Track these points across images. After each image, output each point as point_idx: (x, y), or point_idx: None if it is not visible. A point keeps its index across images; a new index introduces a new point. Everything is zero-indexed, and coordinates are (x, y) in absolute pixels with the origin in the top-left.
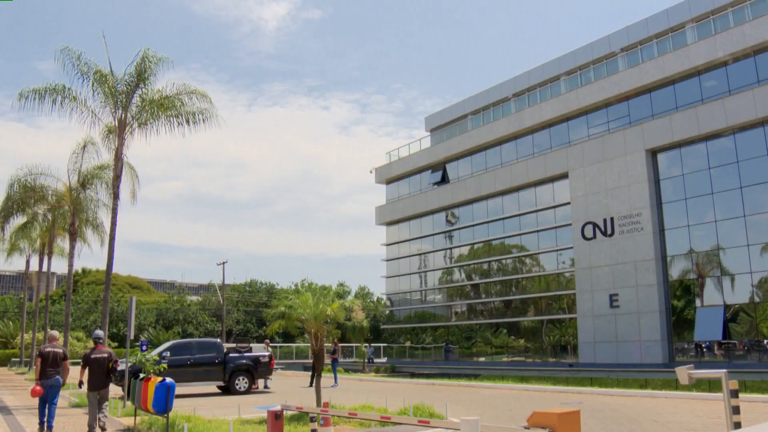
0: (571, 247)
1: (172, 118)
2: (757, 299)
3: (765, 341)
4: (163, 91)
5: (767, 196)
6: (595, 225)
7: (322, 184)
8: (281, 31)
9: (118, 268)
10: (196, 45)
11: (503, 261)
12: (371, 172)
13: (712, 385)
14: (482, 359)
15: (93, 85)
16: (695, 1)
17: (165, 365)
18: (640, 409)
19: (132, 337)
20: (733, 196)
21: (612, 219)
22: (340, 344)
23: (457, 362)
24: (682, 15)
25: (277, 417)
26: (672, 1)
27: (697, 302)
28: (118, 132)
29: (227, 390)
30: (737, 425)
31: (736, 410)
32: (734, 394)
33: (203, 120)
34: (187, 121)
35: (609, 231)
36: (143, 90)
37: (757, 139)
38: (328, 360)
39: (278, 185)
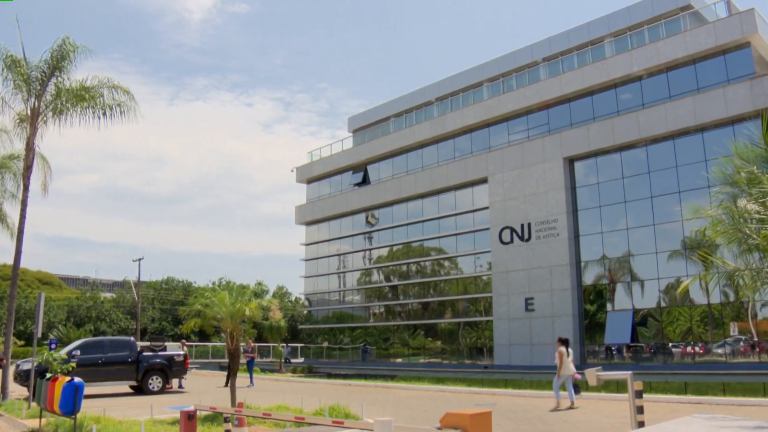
0: (489, 251)
1: (88, 110)
2: (663, 304)
3: (670, 344)
4: (83, 82)
5: (675, 205)
6: (512, 230)
7: (243, 182)
8: (207, 23)
9: (27, 263)
10: (118, 34)
11: (422, 263)
12: (292, 171)
13: (620, 386)
14: (399, 360)
15: (3, 70)
16: (614, 16)
17: (74, 364)
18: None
19: (40, 335)
20: (644, 205)
21: (529, 224)
22: (258, 344)
23: (374, 363)
24: (602, 29)
25: (190, 417)
26: (592, 15)
27: (608, 306)
28: (31, 121)
29: (140, 390)
30: (641, 424)
31: (640, 410)
32: (639, 394)
33: (122, 113)
34: (104, 114)
35: (526, 236)
36: (59, 79)
37: (667, 152)
38: (244, 360)
39: (199, 181)
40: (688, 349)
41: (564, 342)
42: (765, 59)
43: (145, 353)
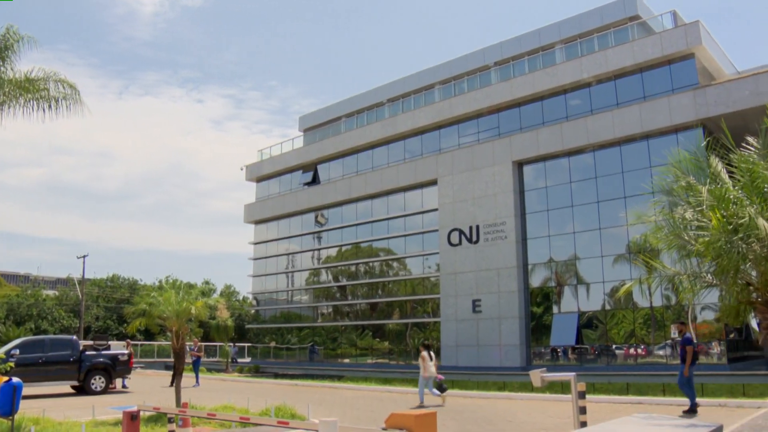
0: (437, 253)
1: (33, 102)
2: (608, 307)
3: (614, 346)
4: (27, 74)
5: (621, 211)
6: (461, 232)
7: (192, 179)
8: (158, 17)
9: None
10: (66, 25)
11: (370, 264)
12: (242, 170)
13: (565, 388)
14: (347, 361)
15: None
16: (565, 24)
17: (12, 364)
18: (497, 410)
19: None
20: (590, 210)
21: (478, 226)
22: (204, 343)
23: (321, 363)
24: (553, 36)
25: (133, 418)
26: (544, 22)
27: (555, 309)
28: None
29: (82, 390)
30: (583, 424)
31: (582, 410)
32: (582, 395)
33: (68, 106)
34: (50, 107)
35: (474, 238)
36: (1, 69)
37: (614, 158)
38: (190, 359)
39: (147, 178)
40: (631, 350)
41: (426, 347)
42: (708, 70)
43: (87, 352)
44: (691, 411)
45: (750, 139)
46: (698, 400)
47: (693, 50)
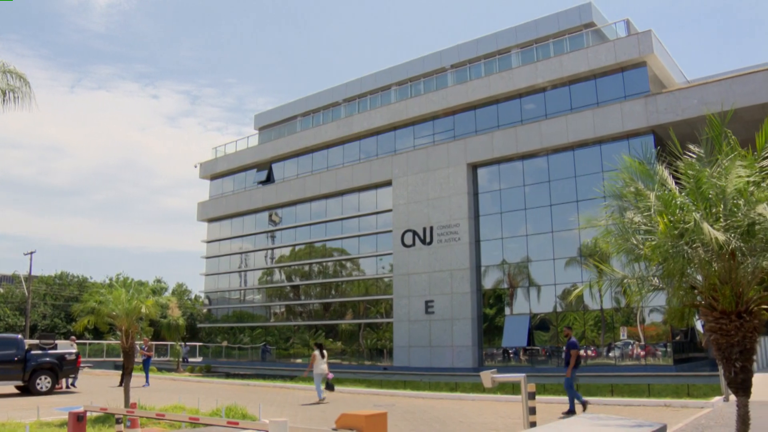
0: (391, 253)
1: None
2: (559, 309)
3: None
4: None
5: (573, 214)
6: (414, 233)
7: (145, 176)
8: (113, 8)
9: None
10: (16, 14)
11: (324, 264)
12: (196, 167)
13: (516, 388)
14: (300, 361)
15: None
16: (521, 29)
17: None
18: (449, 411)
19: None
20: (543, 213)
21: (431, 228)
22: (155, 342)
23: (274, 363)
24: (509, 40)
25: (79, 419)
26: (501, 26)
27: (507, 310)
28: None
29: (27, 390)
30: (533, 424)
31: (532, 411)
32: (532, 396)
33: (16, 99)
34: None
35: (428, 239)
36: None
37: (567, 162)
38: (140, 358)
39: (99, 173)
40: (581, 352)
41: (318, 346)
42: (659, 78)
43: (33, 351)
44: (570, 412)
45: (695, 147)
46: (643, 400)
47: (645, 58)
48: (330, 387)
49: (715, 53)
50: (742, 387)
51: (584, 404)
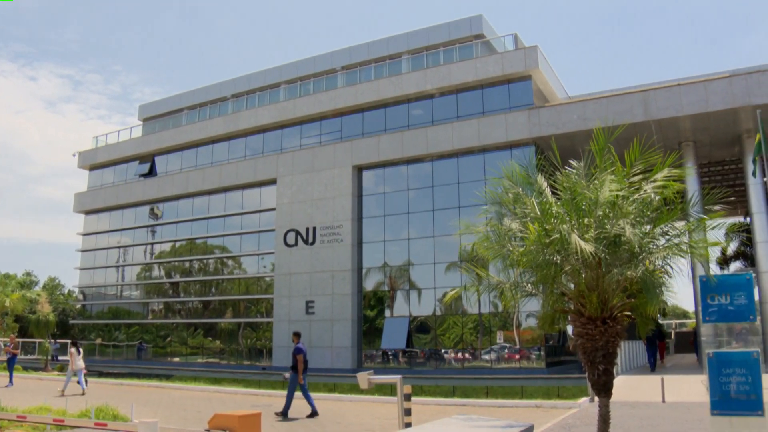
0: (273, 252)
1: None
2: (438, 312)
3: (443, 350)
4: None
5: (455, 220)
6: (297, 233)
7: (19, 162)
8: None
9: None
10: None
11: (205, 261)
12: (74, 156)
13: (394, 390)
14: (177, 359)
15: None
16: (413, 35)
17: None
18: (326, 411)
19: None
20: (426, 217)
21: (314, 228)
22: (21, 339)
23: (150, 362)
24: (401, 46)
25: None
26: (394, 31)
27: (387, 312)
28: None
29: None
30: (408, 425)
31: (408, 412)
32: (407, 397)
33: None
34: None
35: (311, 240)
36: None
37: (451, 168)
38: (4, 356)
39: None
40: (459, 355)
41: (74, 344)
42: (542, 92)
43: None
44: (284, 413)
45: (573, 161)
46: (516, 401)
47: (530, 72)
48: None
49: (597, 72)
50: (604, 388)
51: (286, 409)
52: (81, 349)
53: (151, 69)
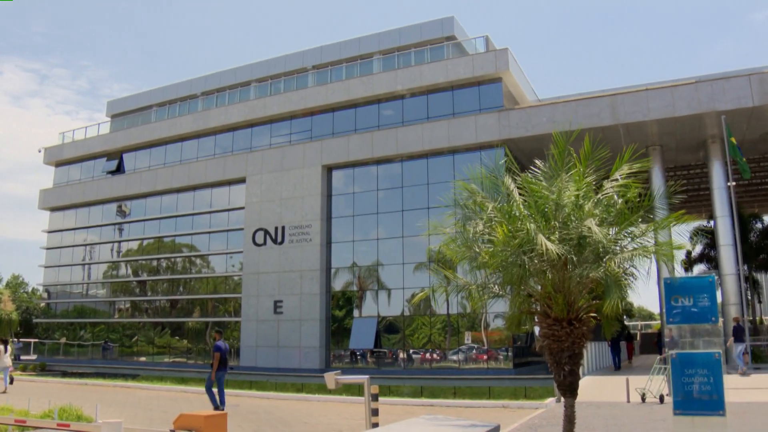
0: (242, 252)
1: None
2: (407, 313)
3: (411, 351)
4: None
5: (423, 220)
6: (266, 232)
7: None
8: None
9: None
10: None
11: (173, 259)
12: (40, 152)
13: (362, 390)
14: (143, 359)
15: None
16: (385, 36)
17: None
18: (294, 411)
19: None
20: (395, 218)
21: (283, 228)
22: None
23: (116, 361)
24: (372, 46)
25: None
26: (364, 31)
27: (356, 313)
28: None
29: None
30: (375, 425)
31: (375, 412)
32: (375, 397)
33: None
34: None
35: (279, 239)
36: None
37: (421, 169)
38: None
39: None
40: (427, 355)
41: (3, 342)
42: (513, 95)
43: None
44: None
45: (540, 162)
46: (484, 401)
47: (501, 74)
48: (11, 380)
49: (567, 75)
50: (569, 389)
51: (216, 408)
52: (9, 347)
53: (120, 65)
